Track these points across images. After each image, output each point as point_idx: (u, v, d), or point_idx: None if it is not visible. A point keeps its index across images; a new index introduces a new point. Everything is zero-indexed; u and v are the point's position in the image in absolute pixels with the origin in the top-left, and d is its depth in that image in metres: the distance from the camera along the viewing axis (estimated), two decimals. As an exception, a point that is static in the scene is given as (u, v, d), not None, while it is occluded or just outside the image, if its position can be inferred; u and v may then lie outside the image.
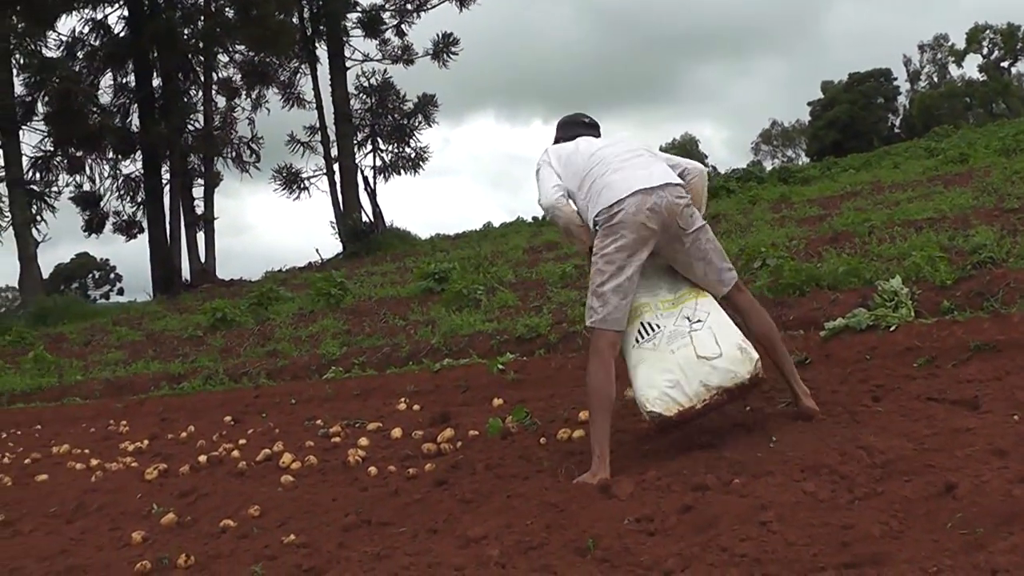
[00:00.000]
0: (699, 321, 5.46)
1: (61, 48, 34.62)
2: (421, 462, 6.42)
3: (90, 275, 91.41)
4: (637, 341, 5.49)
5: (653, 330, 5.48)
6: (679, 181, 5.67)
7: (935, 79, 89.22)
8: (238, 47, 37.30)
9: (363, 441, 7.35)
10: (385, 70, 37.74)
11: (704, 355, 5.31)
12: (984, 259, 8.19)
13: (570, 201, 5.84)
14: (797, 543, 3.76)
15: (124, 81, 36.62)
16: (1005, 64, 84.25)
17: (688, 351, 5.33)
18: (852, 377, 6.33)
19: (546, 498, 4.98)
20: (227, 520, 5.76)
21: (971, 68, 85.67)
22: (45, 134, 34.16)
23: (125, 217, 38.08)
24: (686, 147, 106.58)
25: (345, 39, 37.02)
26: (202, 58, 37.32)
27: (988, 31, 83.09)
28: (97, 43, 35.44)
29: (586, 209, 5.70)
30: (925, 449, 4.57)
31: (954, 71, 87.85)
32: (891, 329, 7.02)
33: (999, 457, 4.28)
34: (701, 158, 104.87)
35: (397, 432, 7.44)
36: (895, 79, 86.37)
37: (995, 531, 3.56)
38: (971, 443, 4.54)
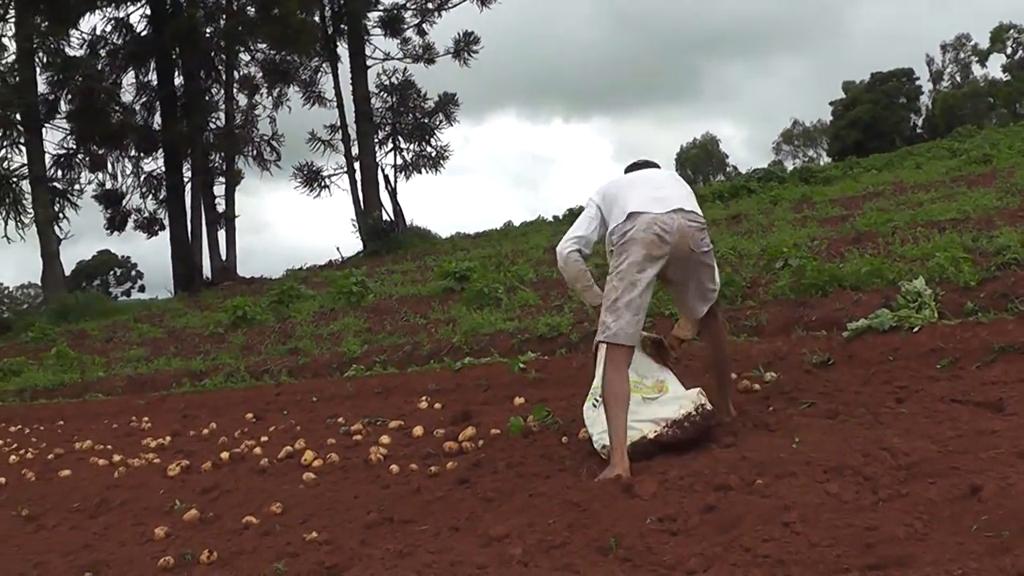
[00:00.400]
0: (649, 396, 5.74)
1: (84, 47, 34.72)
2: (443, 460, 6.41)
3: (111, 272, 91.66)
4: (593, 406, 5.81)
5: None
6: (695, 208, 5.85)
7: (958, 79, 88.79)
8: (259, 45, 37.34)
9: (385, 439, 7.34)
10: (406, 69, 37.76)
11: (649, 397, 5.66)
12: (1008, 260, 8.15)
13: (580, 259, 5.99)
14: (821, 544, 3.74)
15: (146, 79, 36.72)
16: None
17: (636, 397, 5.60)
18: (875, 378, 6.31)
19: (568, 497, 4.96)
20: (249, 517, 5.76)
21: (995, 68, 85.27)
22: (68, 132, 34.28)
23: (146, 215, 38.22)
24: (707, 147, 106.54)
25: (366, 38, 36.98)
26: (224, 56, 37.40)
27: (1012, 30, 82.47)
28: (119, 42, 35.53)
29: (609, 230, 5.83)
30: (949, 451, 4.53)
31: (977, 71, 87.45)
32: (914, 330, 7.00)
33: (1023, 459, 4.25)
34: (722, 158, 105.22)
35: (419, 430, 7.45)
36: (917, 79, 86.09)
37: (1021, 534, 3.53)
38: (996, 445, 4.51)
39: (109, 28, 35.38)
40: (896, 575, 3.40)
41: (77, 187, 35.27)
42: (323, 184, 37.65)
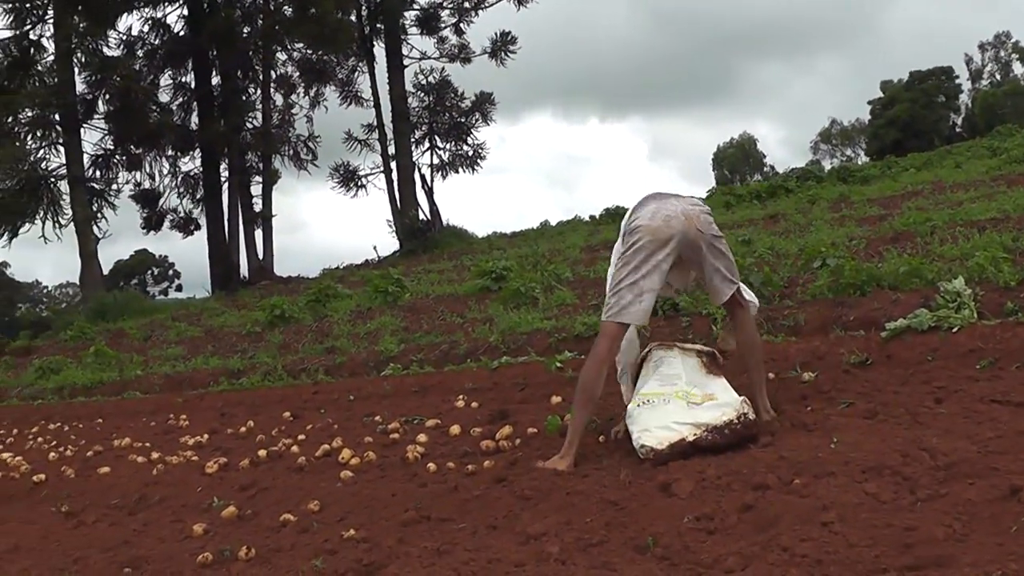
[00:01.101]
0: (696, 402, 5.72)
1: (121, 47, 35.01)
2: (480, 459, 6.41)
3: (149, 271, 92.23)
4: (640, 406, 5.79)
5: (652, 402, 5.76)
6: (699, 202, 6.04)
7: (998, 77, 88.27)
8: (296, 45, 37.55)
9: (422, 438, 7.34)
10: (443, 68, 37.89)
11: (694, 402, 5.65)
12: (1049, 260, 8.12)
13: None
14: (859, 544, 3.72)
15: (183, 79, 37.02)
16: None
17: (681, 403, 5.65)
18: (914, 378, 6.27)
19: (605, 496, 4.96)
20: (287, 514, 5.77)
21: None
22: (105, 132, 34.59)
23: (183, 214, 38.45)
24: (744, 146, 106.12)
25: (403, 37, 37.13)
26: (261, 56, 37.57)
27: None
28: (157, 42, 35.80)
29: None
30: (989, 451, 4.50)
31: (1017, 69, 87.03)
32: (953, 330, 6.94)
33: (1065, 460, 4.23)
34: (759, 157, 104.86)
35: (455, 429, 7.45)
36: (957, 77, 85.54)
37: (1061, 535, 3.52)
38: (1036, 446, 4.48)
39: (146, 28, 35.71)
40: (935, 575, 3.39)
41: (115, 187, 35.62)
42: (359, 184, 37.84)
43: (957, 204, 14.61)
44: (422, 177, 36.69)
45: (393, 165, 36.35)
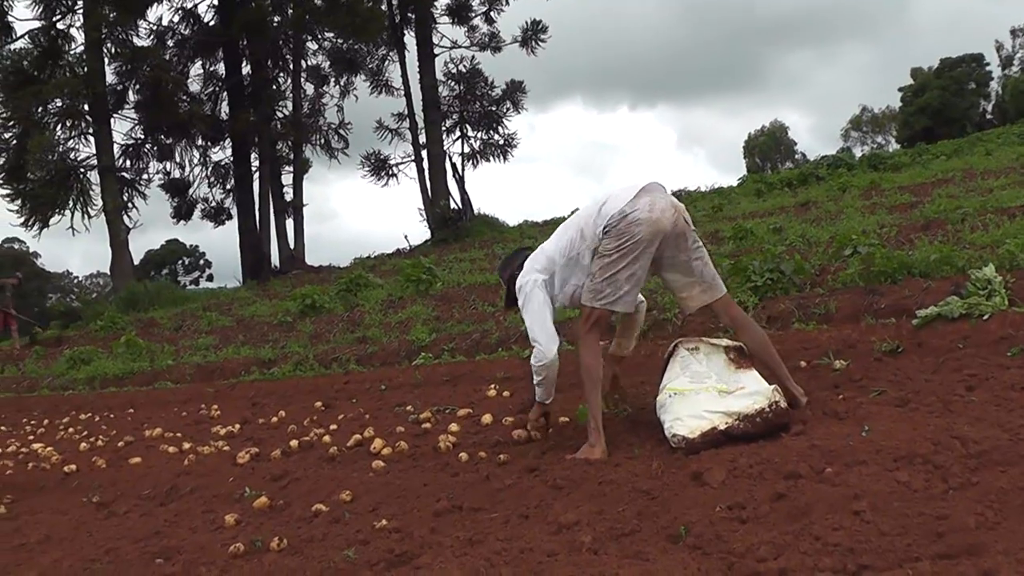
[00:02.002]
0: (730, 392, 5.76)
1: (152, 37, 35.14)
2: (512, 448, 6.46)
3: (180, 261, 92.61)
4: (671, 396, 5.86)
5: (683, 394, 5.82)
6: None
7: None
8: (327, 34, 37.61)
9: (453, 427, 7.40)
10: (473, 57, 37.92)
11: (724, 390, 5.73)
12: (1081, 247, 8.09)
13: (545, 290, 6.44)
14: (891, 533, 3.72)
15: (213, 69, 37.15)
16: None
17: (712, 393, 5.73)
18: (945, 366, 6.26)
19: (637, 485, 4.97)
20: (319, 504, 5.81)
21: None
22: (136, 122, 34.74)
23: (213, 204, 38.61)
24: (775, 134, 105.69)
25: (433, 26, 37.13)
26: (291, 45, 37.65)
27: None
28: (187, 32, 35.91)
29: (592, 235, 6.09)
30: (1021, 439, 4.49)
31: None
32: (984, 318, 6.94)
33: (1099, 447, 4.22)
34: (790, 145, 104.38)
35: (487, 418, 7.50)
36: (987, 64, 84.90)
37: (1095, 523, 3.52)
38: (1069, 434, 4.47)
39: (177, 18, 35.93)
40: (967, 564, 3.37)
41: (145, 177, 35.79)
42: (390, 173, 37.96)
43: (987, 191, 14.56)
44: (453, 166, 36.74)
45: (424, 154, 36.44)
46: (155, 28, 35.28)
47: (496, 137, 38.42)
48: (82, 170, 31.88)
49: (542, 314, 6.33)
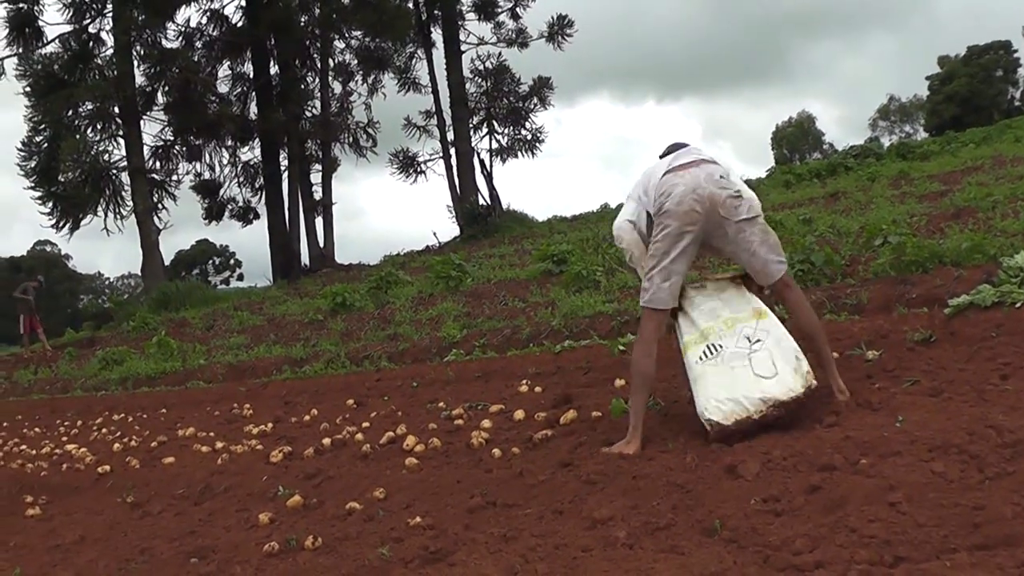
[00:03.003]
0: (758, 341, 5.73)
1: (180, 39, 35.33)
2: (545, 444, 6.42)
3: (210, 261, 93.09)
4: (701, 359, 5.82)
5: (717, 351, 5.78)
6: (722, 171, 5.99)
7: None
8: (354, 33, 37.68)
9: (486, 423, 7.35)
10: (500, 53, 37.94)
11: (761, 374, 5.60)
12: (1113, 232, 8.04)
13: (633, 229, 6.26)
14: (927, 524, 3.68)
15: (241, 69, 37.28)
16: None
17: (747, 371, 5.63)
18: (978, 355, 6.18)
19: (672, 479, 4.94)
20: (353, 502, 5.79)
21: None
22: (165, 124, 34.87)
23: (242, 204, 38.73)
24: (803, 125, 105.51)
25: (460, 23, 37.18)
26: (319, 44, 37.74)
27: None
28: (215, 33, 36.08)
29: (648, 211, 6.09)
30: (1057, 428, 4.45)
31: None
32: (1017, 306, 6.86)
33: None
34: (818, 136, 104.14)
35: (520, 414, 7.44)
36: (1015, 51, 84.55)
37: None
38: (1105, 422, 4.42)
39: (204, 20, 36.05)
40: (1004, 555, 3.33)
41: (175, 178, 35.93)
42: (419, 170, 38.03)
43: (1018, 178, 14.49)
44: (481, 162, 36.83)
45: (452, 151, 36.49)
46: (183, 30, 35.51)
47: (524, 133, 38.45)
48: (113, 172, 32.03)
49: None
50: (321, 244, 36.80)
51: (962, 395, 5.39)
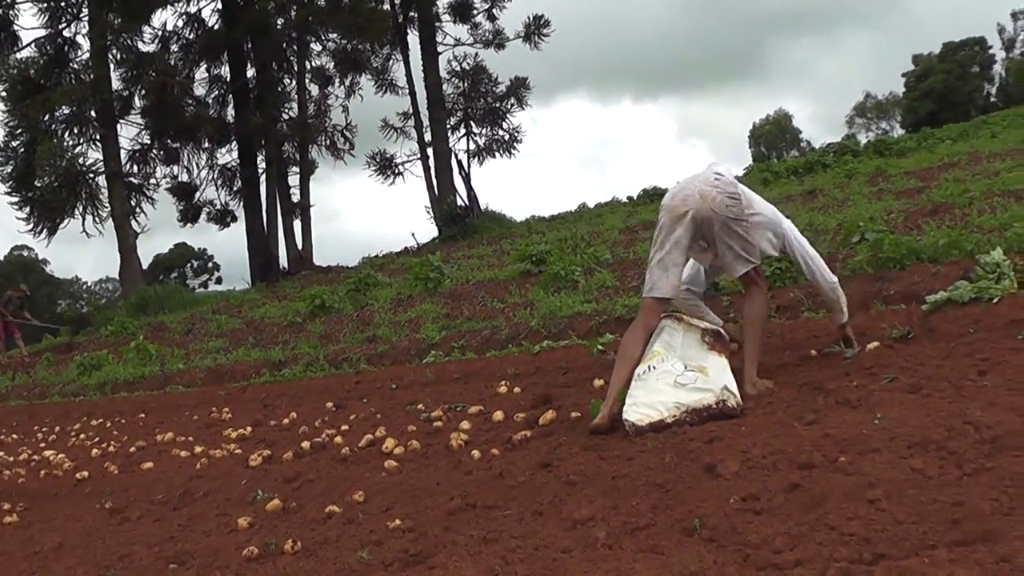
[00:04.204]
0: (692, 371, 6.09)
1: (156, 42, 35.23)
2: (524, 445, 6.42)
3: (188, 264, 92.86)
4: (639, 377, 6.15)
5: (654, 369, 6.15)
6: (721, 175, 6.47)
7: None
8: (331, 35, 37.65)
9: (465, 425, 7.35)
10: (477, 54, 37.97)
11: (681, 382, 6.00)
12: (1087, 227, 8.09)
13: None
14: (906, 521, 3.69)
15: (218, 72, 37.20)
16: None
17: (669, 379, 6.03)
18: (956, 351, 6.21)
19: (651, 478, 4.94)
20: (332, 506, 5.78)
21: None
22: (142, 127, 34.79)
23: (219, 207, 38.65)
24: (780, 123, 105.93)
25: (437, 24, 37.18)
26: (295, 47, 37.69)
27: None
28: (192, 36, 35.98)
29: None
30: (1035, 423, 4.47)
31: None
32: (994, 301, 6.93)
33: (1117, 431, 4.19)
34: (795, 133, 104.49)
35: (499, 415, 7.45)
36: (990, 47, 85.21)
37: (1109, 506, 3.49)
38: (1082, 415, 4.44)
39: (181, 23, 35.91)
40: (983, 550, 3.33)
41: (152, 181, 35.82)
42: (396, 171, 38.00)
43: (994, 174, 14.57)
44: (459, 163, 36.79)
45: (430, 152, 36.45)
46: (160, 33, 35.40)
47: (501, 133, 38.49)
48: (90, 176, 31.91)
49: None
50: (299, 246, 36.73)
51: (940, 391, 5.40)
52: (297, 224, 37.33)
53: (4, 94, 31.59)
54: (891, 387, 5.75)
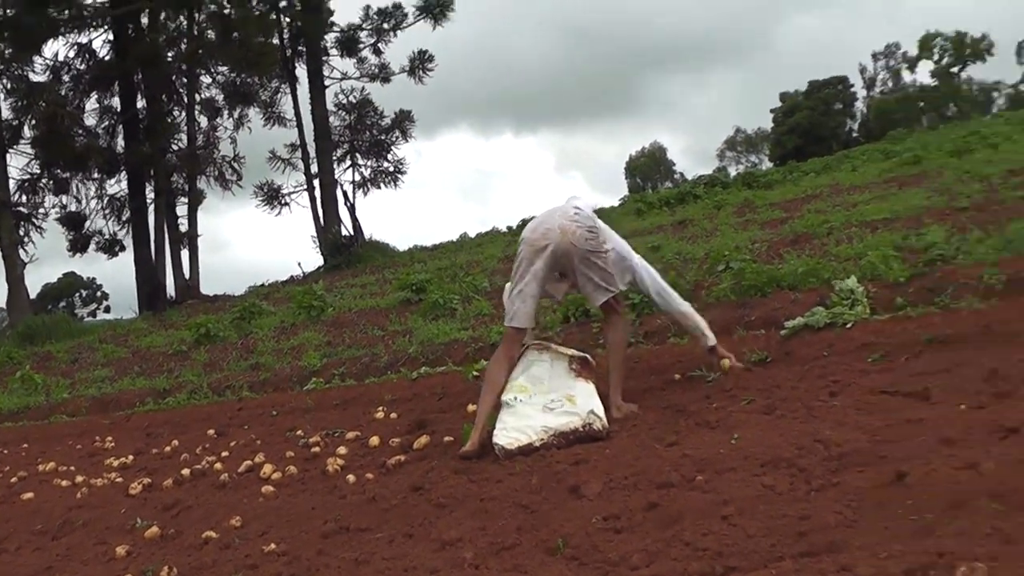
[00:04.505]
0: (560, 397, 6.23)
1: (47, 72, 34.56)
2: (398, 469, 6.44)
3: (77, 294, 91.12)
4: (508, 403, 6.28)
5: (520, 401, 6.27)
6: (584, 211, 6.63)
7: (890, 84, 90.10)
8: (221, 68, 37.31)
9: (342, 450, 7.34)
10: (363, 88, 37.92)
11: (550, 407, 6.15)
12: (935, 257, 8.38)
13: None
14: (757, 535, 3.80)
15: (109, 103, 36.58)
16: (955, 70, 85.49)
17: (538, 405, 6.20)
18: (810, 373, 6.40)
19: (518, 500, 5.01)
20: (209, 531, 5.74)
21: (923, 74, 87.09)
22: (32, 157, 34.11)
23: (108, 236, 38.03)
24: (655, 155, 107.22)
25: (324, 59, 37.03)
26: (185, 79, 37.28)
27: (938, 39, 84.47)
28: (83, 67, 35.38)
29: None
30: (879, 440, 4.61)
31: (907, 77, 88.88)
32: (848, 326, 7.18)
33: (947, 445, 4.32)
34: (669, 166, 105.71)
35: (375, 440, 7.45)
36: (852, 86, 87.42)
37: (943, 516, 3.60)
38: (921, 433, 4.59)
39: (72, 53, 35.26)
40: (827, 561, 3.42)
41: (41, 211, 35.12)
42: (283, 202, 37.64)
43: (853, 206, 14.90)
44: (344, 194, 36.61)
45: (316, 183, 36.24)
46: (51, 63, 34.75)
47: (386, 164, 38.42)
48: (-23, 206, 31.27)
49: None
50: (187, 276, 36.22)
51: (794, 412, 5.56)
52: (185, 253, 36.83)
53: None
54: (748, 409, 5.90)
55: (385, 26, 37.85)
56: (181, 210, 37.33)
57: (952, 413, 4.86)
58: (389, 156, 38.27)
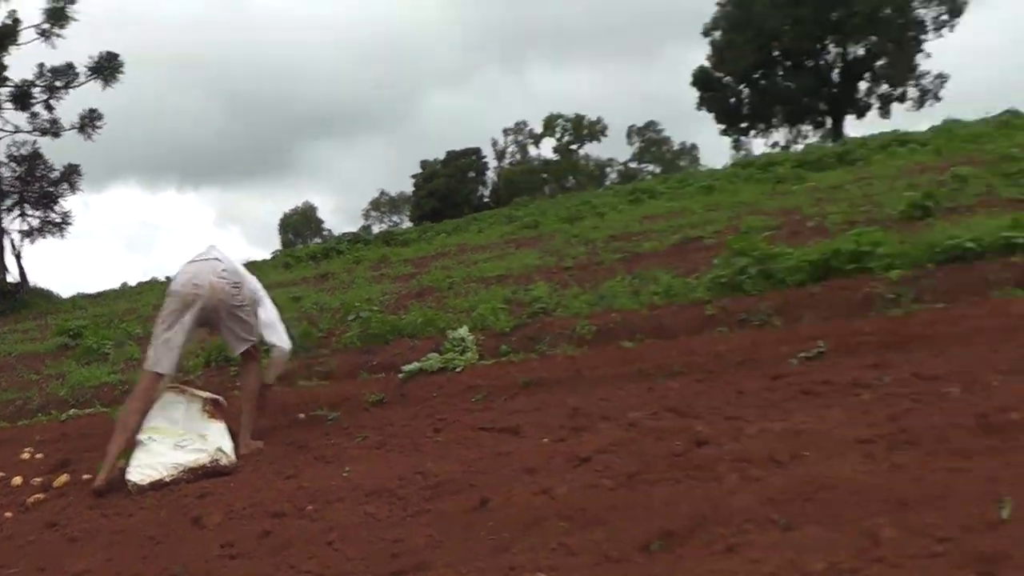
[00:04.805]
0: (191, 436, 6.19)
1: None
2: (38, 507, 6.15)
3: None
4: (142, 443, 6.15)
5: (153, 441, 6.15)
6: (232, 269, 6.60)
7: (518, 157, 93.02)
8: None
9: (-15, 491, 6.95)
10: (35, 141, 36.32)
11: (180, 445, 6.10)
12: (538, 309, 8.69)
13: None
14: (355, 558, 3.88)
15: None
16: (574, 147, 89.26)
17: (170, 443, 6.12)
18: (421, 413, 6.54)
19: (147, 532, 4.92)
20: None
21: (547, 150, 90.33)
22: None
23: None
24: (306, 213, 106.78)
25: (-2, 111, 35.30)
26: None
27: (560, 119, 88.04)
28: None
29: None
30: (472, 471, 4.76)
31: (533, 151, 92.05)
32: (457, 370, 7.38)
33: (529, 474, 4.51)
34: (319, 223, 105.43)
35: (18, 480, 7.04)
36: (484, 157, 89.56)
37: (520, 535, 3.77)
38: (509, 464, 4.77)
39: None
40: (414, 578, 3.53)
41: None
42: (-51, 250, 35.55)
43: (474, 263, 15.28)
44: (11, 242, 34.91)
45: (-17, 232, 34.43)
46: None
47: (53, 215, 36.88)
48: None
49: None
50: None
51: (402, 447, 5.68)
52: None
53: None
54: (362, 444, 5.99)
55: (58, 83, 36.41)
56: None
57: (537, 446, 5.08)
58: (56, 207, 36.75)
